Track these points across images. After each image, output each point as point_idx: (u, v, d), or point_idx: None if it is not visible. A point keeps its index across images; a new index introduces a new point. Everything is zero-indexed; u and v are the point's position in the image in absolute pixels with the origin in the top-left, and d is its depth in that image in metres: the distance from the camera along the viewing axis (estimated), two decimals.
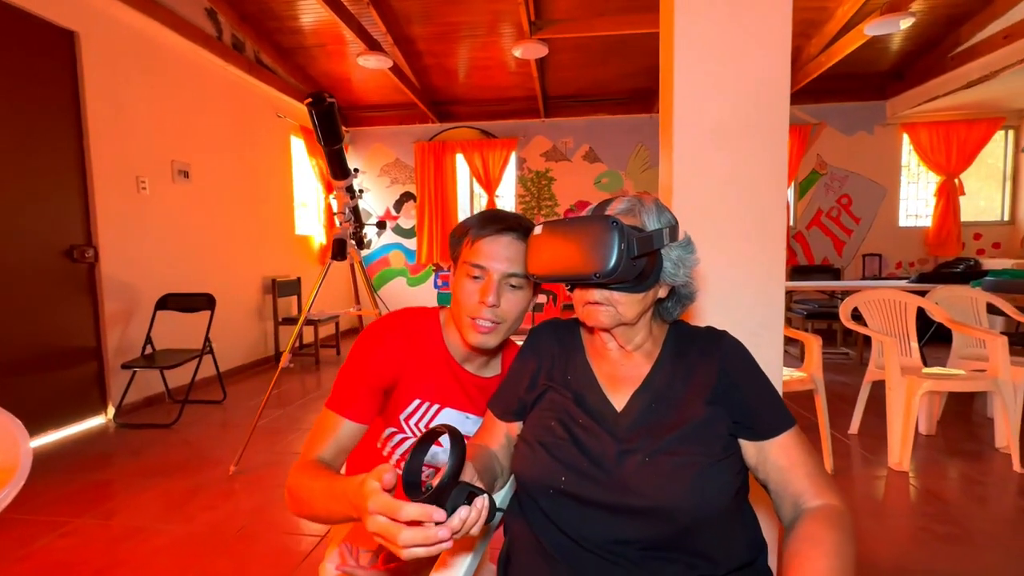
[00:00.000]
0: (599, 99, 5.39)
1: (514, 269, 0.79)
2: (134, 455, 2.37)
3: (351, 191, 2.35)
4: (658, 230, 0.66)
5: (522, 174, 5.75)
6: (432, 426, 0.52)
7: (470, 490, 0.50)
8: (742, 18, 1.05)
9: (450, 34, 4.14)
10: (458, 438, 0.50)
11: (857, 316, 2.49)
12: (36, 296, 2.53)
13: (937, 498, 1.89)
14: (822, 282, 4.56)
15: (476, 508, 0.50)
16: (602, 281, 0.63)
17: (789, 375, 2.06)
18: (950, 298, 2.62)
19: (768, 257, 1.08)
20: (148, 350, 3.02)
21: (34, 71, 2.53)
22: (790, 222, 5.38)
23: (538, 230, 0.69)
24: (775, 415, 0.66)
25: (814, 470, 0.63)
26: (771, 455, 0.64)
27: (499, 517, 0.71)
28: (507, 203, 5.87)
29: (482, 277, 0.80)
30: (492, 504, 0.52)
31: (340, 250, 2.29)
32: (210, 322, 3.10)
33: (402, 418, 0.89)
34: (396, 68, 4.42)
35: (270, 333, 4.46)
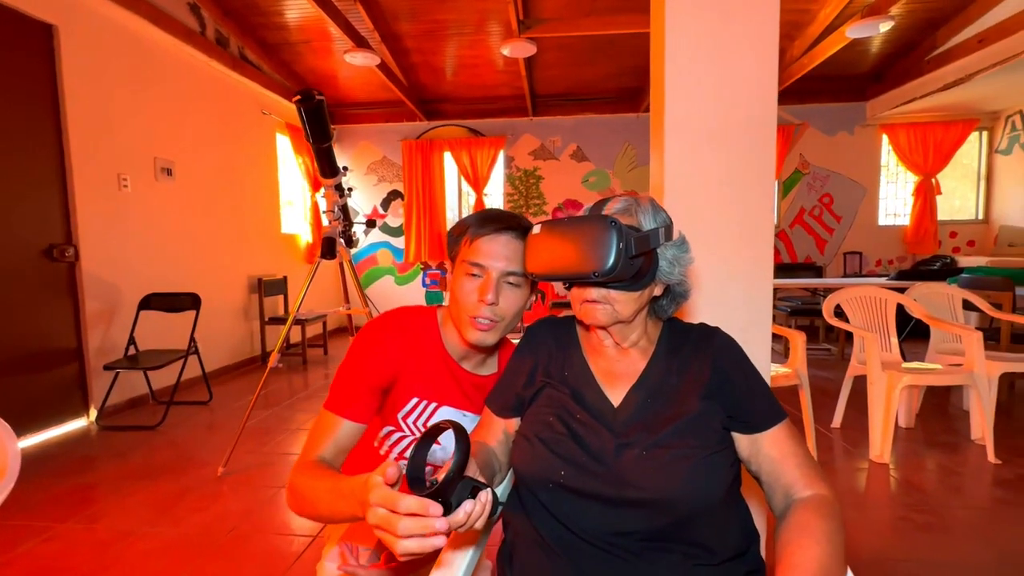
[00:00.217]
0: (587, 98, 5.42)
1: (512, 268, 0.80)
2: (119, 458, 2.33)
3: (340, 189, 2.33)
4: (654, 230, 0.68)
5: (510, 173, 5.75)
6: (432, 423, 0.53)
7: (474, 484, 0.51)
8: (732, 21, 1.07)
9: (438, 32, 4.12)
10: (463, 434, 0.51)
11: (839, 313, 2.55)
12: (14, 296, 2.47)
13: (916, 489, 1.95)
14: (806, 280, 4.65)
15: (480, 502, 0.51)
16: (601, 280, 0.64)
17: (775, 370, 2.11)
18: (928, 295, 2.70)
19: (756, 255, 1.11)
20: (131, 351, 2.97)
21: (10, 65, 2.46)
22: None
23: (537, 229, 0.70)
24: (767, 409, 0.68)
25: (804, 461, 0.65)
26: (764, 447, 0.66)
27: (499, 511, 0.73)
28: (495, 202, 5.87)
29: (481, 275, 0.80)
30: (495, 498, 0.53)
31: (329, 249, 2.27)
32: (195, 322, 3.05)
33: (400, 416, 0.90)
34: (383, 65, 4.39)
35: (256, 333, 4.40)
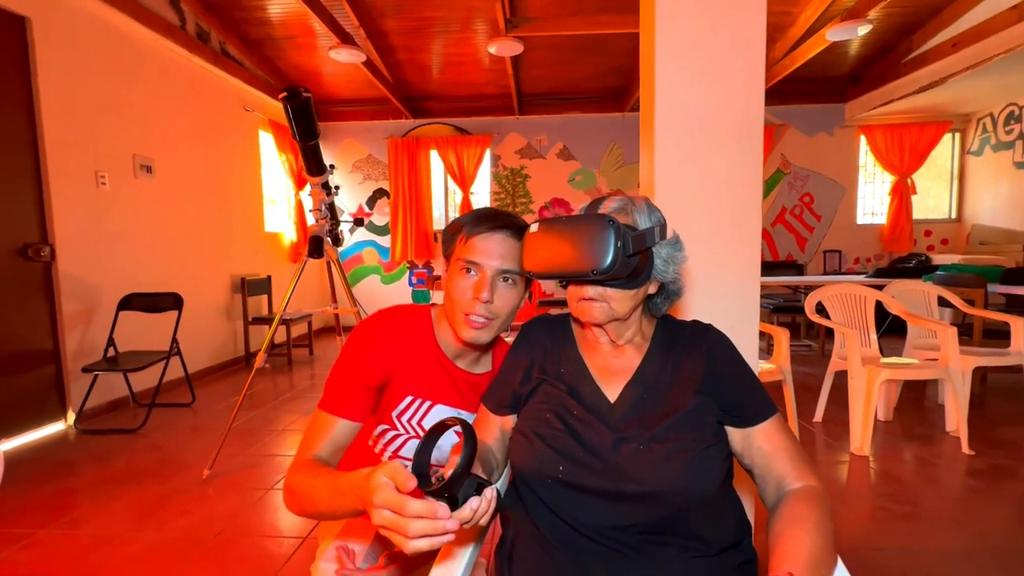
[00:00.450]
0: (573, 97, 5.45)
1: (507, 266, 0.80)
2: (99, 462, 2.28)
3: (327, 187, 2.31)
4: (649, 229, 0.69)
5: (497, 171, 5.75)
6: (427, 421, 0.54)
7: (479, 482, 0.52)
8: (720, 23, 1.09)
9: (424, 29, 4.10)
10: (470, 431, 0.51)
11: (820, 310, 2.62)
12: None
13: (895, 480, 2.01)
14: (790, 277, 4.74)
15: (486, 499, 0.52)
16: (599, 278, 0.65)
17: (760, 367, 2.15)
18: (905, 292, 2.78)
19: (745, 254, 1.13)
20: (111, 352, 2.90)
21: None
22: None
23: (534, 228, 0.71)
24: (759, 403, 0.69)
25: (795, 454, 0.67)
26: (756, 441, 0.68)
27: (499, 507, 0.73)
28: (482, 200, 5.87)
29: (476, 273, 0.81)
30: (499, 495, 0.54)
31: (317, 248, 2.25)
32: (177, 323, 2.99)
33: (394, 415, 0.90)
34: (369, 62, 4.35)
35: (240, 333, 4.33)
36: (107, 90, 3.02)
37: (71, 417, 2.76)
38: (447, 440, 0.92)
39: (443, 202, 6.02)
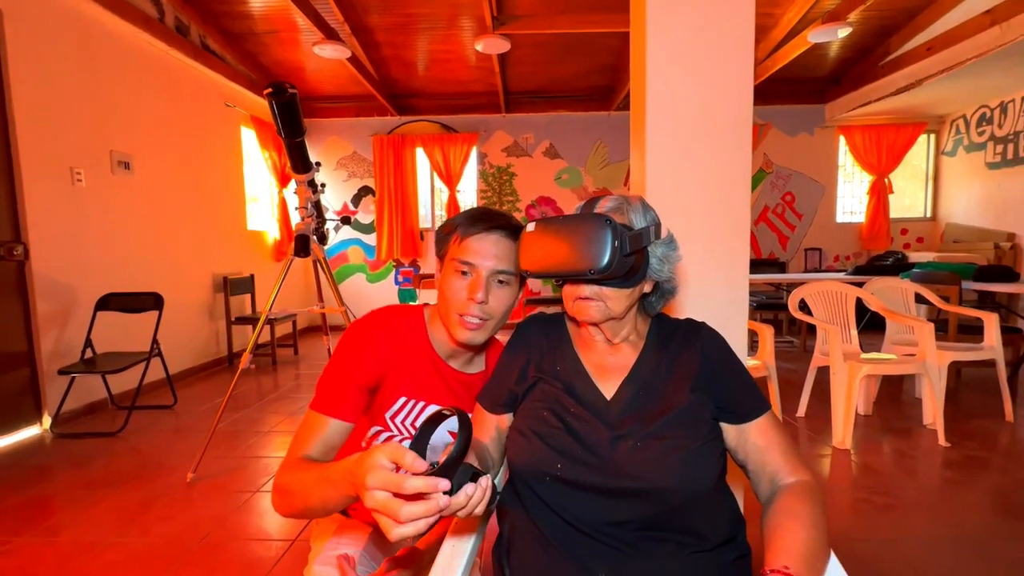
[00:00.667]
0: (559, 96, 5.46)
1: (503, 266, 0.80)
2: (78, 466, 2.22)
3: (313, 185, 2.28)
4: (645, 228, 0.69)
5: (483, 169, 5.74)
6: (427, 415, 0.54)
7: (474, 471, 0.52)
8: (710, 25, 1.10)
9: (410, 25, 4.06)
10: (466, 419, 0.52)
11: (803, 307, 2.67)
12: None
13: (875, 472, 2.06)
14: (773, 275, 4.83)
15: (481, 487, 0.52)
16: (596, 277, 0.66)
17: (746, 363, 2.18)
18: (884, 289, 2.85)
19: (734, 252, 1.15)
20: (88, 354, 2.82)
21: None
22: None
23: (531, 227, 0.71)
24: (753, 400, 0.71)
25: (788, 449, 0.68)
26: (750, 437, 0.69)
27: (496, 500, 0.73)
28: (468, 198, 5.85)
29: (470, 274, 0.81)
30: (495, 489, 0.54)
31: (303, 246, 2.21)
32: (158, 323, 2.92)
33: (388, 416, 0.89)
34: (354, 59, 4.30)
35: (222, 333, 4.25)
36: (83, 84, 2.93)
37: (47, 421, 2.68)
38: (440, 439, 0.91)
39: (429, 200, 5.99)
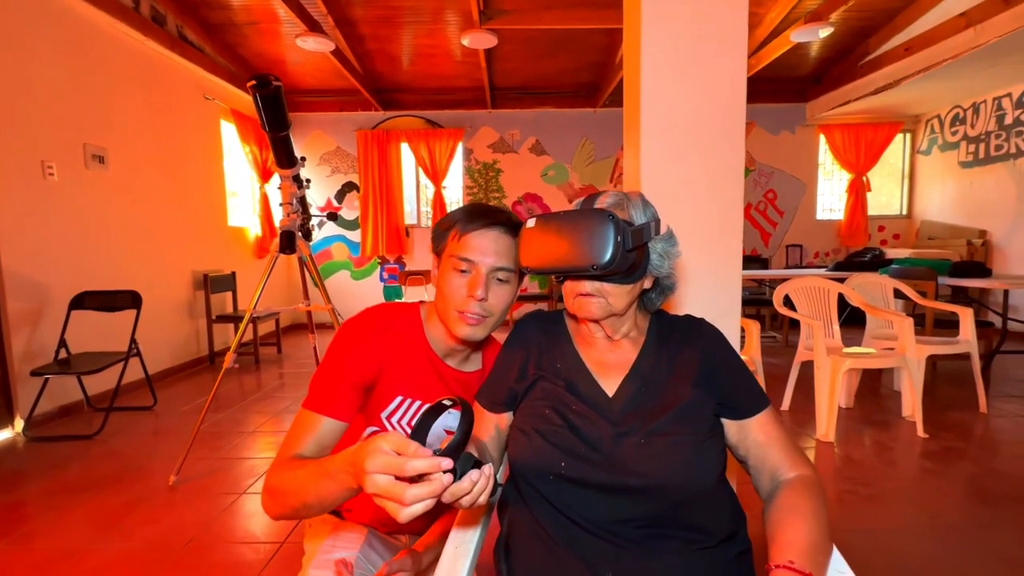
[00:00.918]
0: (545, 92, 5.45)
1: (502, 263, 0.79)
2: (53, 470, 2.14)
3: (298, 180, 2.23)
4: (646, 223, 0.69)
5: (469, 165, 5.70)
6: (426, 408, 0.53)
7: (475, 460, 0.51)
8: (704, 23, 1.10)
9: (394, 18, 4.00)
10: (468, 408, 0.51)
11: (787, 302, 2.71)
12: None
13: (858, 464, 2.11)
14: (756, 271, 4.90)
15: (484, 475, 0.51)
16: (598, 273, 0.65)
17: None
18: (864, 284, 2.92)
19: (727, 248, 1.16)
20: (62, 354, 2.73)
21: None
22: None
23: (531, 223, 0.70)
24: (753, 395, 0.71)
25: (788, 444, 0.69)
26: (751, 433, 0.69)
27: (499, 493, 0.72)
28: (454, 194, 5.81)
29: (470, 271, 0.79)
30: (497, 483, 0.53)
31: (289, 243, 2.17)
32: (136, 322, 2.84)
33: (384, 416, 0.87)
34: (337, 52, 4.22)
35: (203, 332, 4.16)
36: (54, 75, 2.82)
37: (19, 424, 2.58)
38: (437, 436, 0.90)
39: (415, 196, 5.94)
